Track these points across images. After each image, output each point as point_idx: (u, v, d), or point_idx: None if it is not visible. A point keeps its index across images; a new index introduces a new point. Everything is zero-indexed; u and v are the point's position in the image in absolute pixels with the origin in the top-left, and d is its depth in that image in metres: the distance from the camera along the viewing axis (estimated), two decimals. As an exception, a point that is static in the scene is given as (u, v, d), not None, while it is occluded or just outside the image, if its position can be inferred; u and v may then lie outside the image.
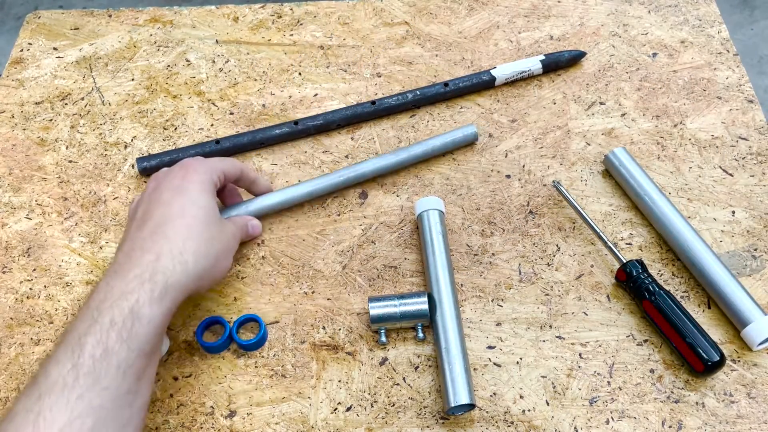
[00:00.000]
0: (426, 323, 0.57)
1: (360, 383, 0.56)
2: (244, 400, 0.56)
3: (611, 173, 0.67)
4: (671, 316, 0.55)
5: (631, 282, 0.58)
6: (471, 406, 0.53)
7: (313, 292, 0.61)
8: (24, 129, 0.73)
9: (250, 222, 0.63)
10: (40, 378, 0.44)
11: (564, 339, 0.58)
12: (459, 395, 0.52)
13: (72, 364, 0.44)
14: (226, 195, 0.64)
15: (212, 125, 0.73)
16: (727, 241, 0.62)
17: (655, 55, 0.76)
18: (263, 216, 0.65)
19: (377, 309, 0.57)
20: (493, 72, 0.73)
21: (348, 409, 0.55)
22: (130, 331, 0.45)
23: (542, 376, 0.56)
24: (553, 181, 0.65)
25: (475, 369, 0.56)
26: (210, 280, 0.53)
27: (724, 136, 0.69)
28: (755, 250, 0.62)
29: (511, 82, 0.75)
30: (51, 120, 0.74)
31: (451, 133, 0.68)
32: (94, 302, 0.47)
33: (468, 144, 0.69)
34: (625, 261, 0.58)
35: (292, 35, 0.81)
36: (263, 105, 0.74)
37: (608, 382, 0.55)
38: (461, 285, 0.61)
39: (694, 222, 0.63)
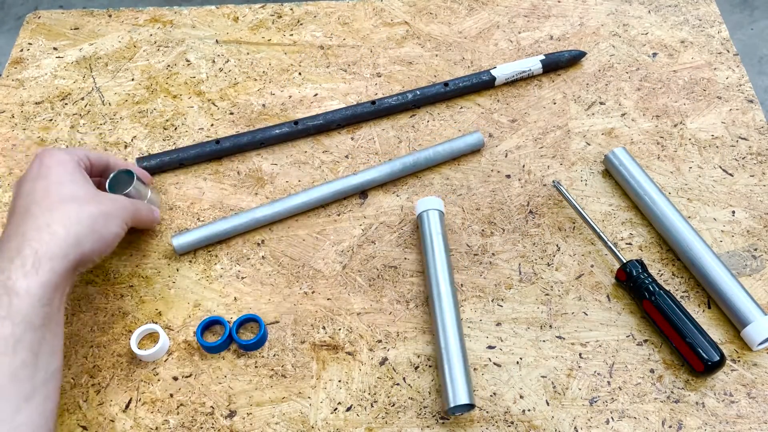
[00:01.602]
0: None
1: (360, 383, 0.56)
2: (244, 400, 0.56)
3: (611, 173, 0.67)
4: (671, 316, 0.55)
5: (631, 282, 0.58)
6: (471, 406, 0.53)
7: (313, 292, 0.61)
8: (24, 129, 0.73)
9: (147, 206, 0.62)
10: None
11: (564, 339, 0.58)
12: (458, 395, 0.52)
13: None
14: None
15: (212, 125, 0.73)
16: (727, 241, 0.62)
17: (655, 55, 0.76)
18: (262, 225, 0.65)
19: None
20: (493, 72, 0.73)
21: (348, 409, 0.55)
22: (9, 307, 0.46)
23: (542, 376, 0.56)
24: (553, 181, 0.65)
25: (475, 369, 0.56)
26: (94, 244, 0.52)
27: (724, 136, 0.69)
28: (755, 250, 0.62)
29: (511, 82, 0.75)
30: (51, 120, 0.74)
31: (458, 141, 0.68)
32: None
33: (473, 151, 0.69)
34: (625, 261, 0.58)
35: (292, 35, 0.81)
36: (263, 105, 0.74)
37: (608, 382, 0.55)
38: (461, 285, 0.61)
39: (694, 222, 0.63)
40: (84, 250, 0.51)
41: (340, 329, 0.59)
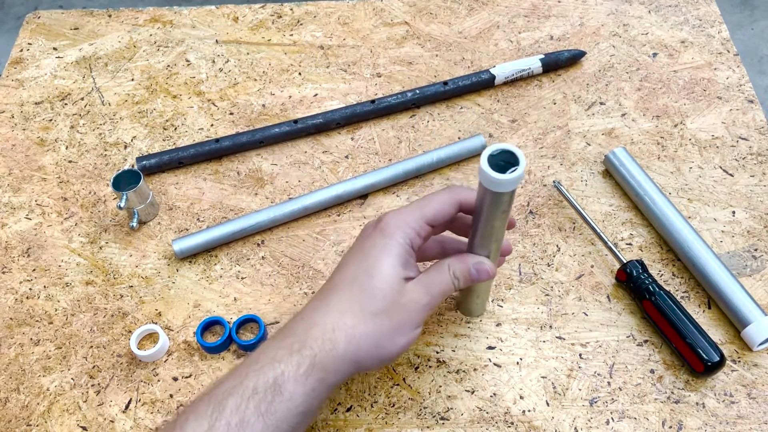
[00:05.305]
0: None
1: (360, 383, 0.56)
2: (244, 401, 0.55)
3: (611, 173, 0.67)
4: (671, 317, 0.55)
5: (632, 282, 0.58)
6: None
7: (313, 293, 0.61)
8: (24, 129, 0.73)
9: (465, 270, 0.50)
10: (177, 430, 0.43)
11: (564, 339, 0.57)
12: None
13: (209, 425, 0.42)
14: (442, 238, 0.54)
15: (212, 125, 0.73)
16: (727, 241, 0.62)
17: (655, 55, 0.76)
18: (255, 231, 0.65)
19: None
20: (492, 71, 0.73)
21: (348, 410, 0.55)
22: (269, 405, 0.43)
23: (542, 377, 0.56)
24: (554, 181, 0.65)
25: (475, 369, 0.56)
26: (373, 361, 0.47)
27: (724, 136, 0.69)
28: (755, 250, 0.62)
29: (511, 82, 0.75)
30: (51, 120, 0.74)
31: (461, 145, 0.68)
32: (251, 359, 0.45)
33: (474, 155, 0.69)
34: (625, 261, 0.58)
35: (292, 35, 0.81)
36: (263, 105, 0.74)
37: (608, 383, 0.55)
38: (461, 285, 0.61)
39: (695, 222, 0.63)
40: (360, 367, 0.47)
41: (340, 329, 0.59)
